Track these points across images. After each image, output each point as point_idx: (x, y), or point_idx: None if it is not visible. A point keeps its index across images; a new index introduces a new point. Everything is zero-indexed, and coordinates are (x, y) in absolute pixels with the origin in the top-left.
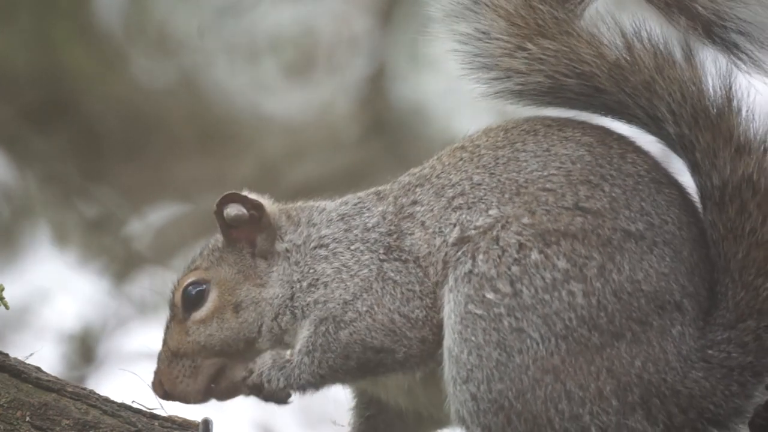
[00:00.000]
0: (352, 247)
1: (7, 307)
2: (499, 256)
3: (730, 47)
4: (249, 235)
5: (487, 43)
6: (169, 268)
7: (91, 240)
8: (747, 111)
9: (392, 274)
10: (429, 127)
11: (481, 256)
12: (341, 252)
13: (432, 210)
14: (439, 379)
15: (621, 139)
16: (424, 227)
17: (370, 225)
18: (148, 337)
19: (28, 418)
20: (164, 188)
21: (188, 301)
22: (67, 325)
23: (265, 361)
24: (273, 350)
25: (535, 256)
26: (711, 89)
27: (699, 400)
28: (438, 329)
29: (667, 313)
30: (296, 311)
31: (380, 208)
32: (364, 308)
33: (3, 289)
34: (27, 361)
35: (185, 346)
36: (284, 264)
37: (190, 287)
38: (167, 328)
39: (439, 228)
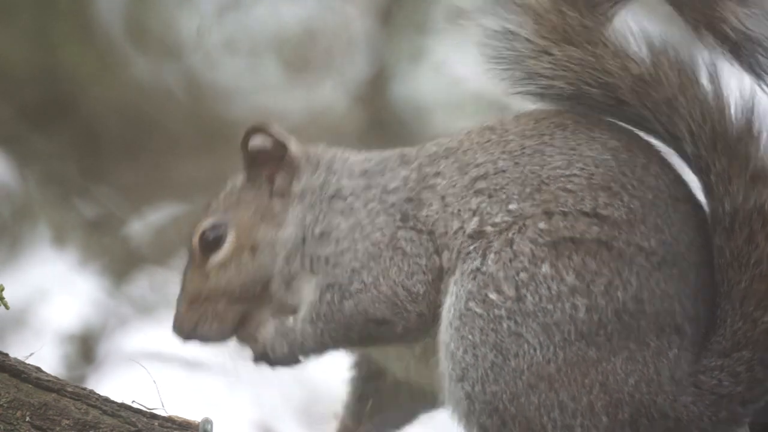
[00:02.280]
0: (369, 206)
1: (7, 307)
2: (510, 260)
3: (757, 71)
4: (269, 173)
5: (514, 43)
6: (169, 268)
7: (91, 240)
8: (767, 138)
9: (404, 244)
10: (429, 127)
11: (492, 256)
12: (358, 209)
13: (454, 185)
14: (432, 366)
15: (647, 148)
16: (444, 202)
17: (390, 188)
18: (148, 337)
19: (28, 418)
20: (164, 188)
21: (206, 244)
22: (67, 325)
23: (268, 330)
24: (275, 318)
25: (545, 269)
26: (733, 113)
27: (686, 424)
28: (434, 306)
29: (665, 335)
30: (305, 259)
31: (403, 173)
32: (370, 279)
33: (3, 289)
34: (27, 361)
35: (205, 291)
36: (299, 206)
37: (208, 231)
38: (185, 274)
39: (458, 210)
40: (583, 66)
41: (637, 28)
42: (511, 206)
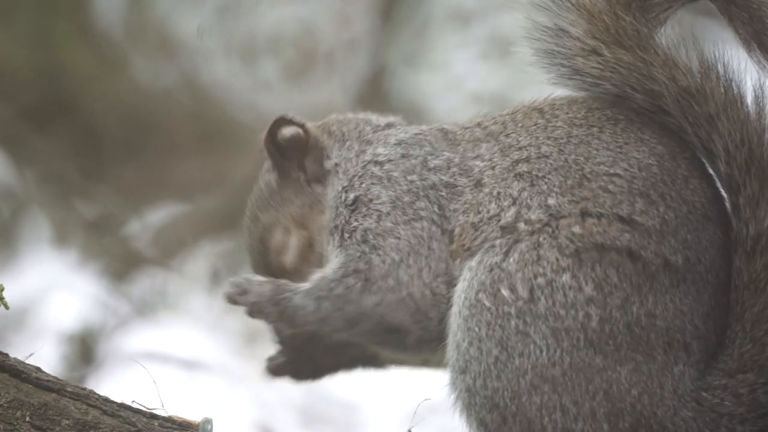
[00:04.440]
0: (409, 178)
1: (7, 307)
2: (532, 263)
3: None
4: (298, 162)
5: (565, 40)
6: (169, 268)
7: (91, 240)
8: None
9: (435, 244)
10: None
11: (515, 256)
12: (396, 178)
13: (494, 168)
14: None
15: (691, 160)
16: (479, 186)
17: (431, 165)
18: (148, 337)
19: (28, 418)
20: (164, 188)
21: (281, 255)
22: (67, 325)
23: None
24: (277, 281)
25: (565, 278)
26: None
27: None
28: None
29: (673, 351)
30: (335, 233)
31: (448, 155)
32: (406, 277)
33: (3, 289)
34: (27, 361)
35: None
36: (334, 179)
37: (277, 240)
38: None
39: (498, 192)
40: (630, 70)
41: (691, 38)
42: (550, 201)
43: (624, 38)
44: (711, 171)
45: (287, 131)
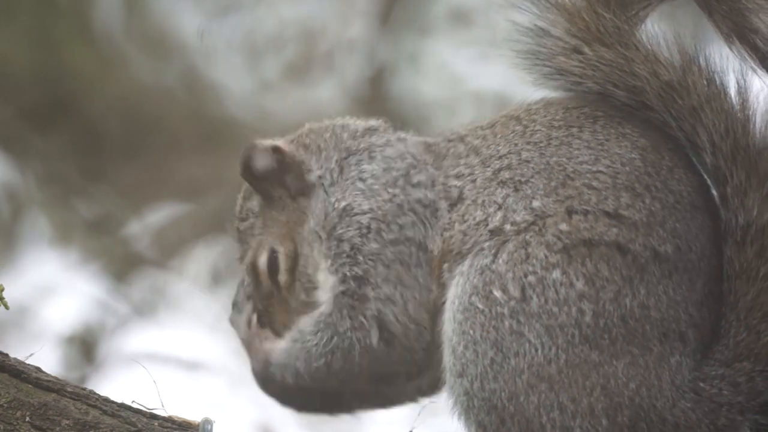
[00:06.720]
0: (390, 191)
1: (7, 308)
2: (521, 261)
3: None
4: (280, 182)
5: (546, 40)
6: (169, 269)
7: (91, 240)
8: None
9: (420, 272)
10: (429, 127)
11: (504, 256)
12: (378, 190)
13: (474, 180)
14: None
15: (674, 151)
16: (460, 201)
17: (414, 180)
18: (148, 337)
19: (28, 418)
20: (164, 188)
21: (272, 273)
22: (67, 325)
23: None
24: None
25: (556, 274)
26: (757, 128)
27: (684, 430)
28: (433, 334)
29: (669, 341)
30: (329, 242)
31: (432, 172)
32: (390, 317)
33: (3, 289)
34: (27, 361)
35: (294, 315)
36: (320, 190)
37: (268, 261)
38: (272, 312)
39: (483, 201)
40: (612, 67)
41: (671, 33)
42: (535, 203)
43: (605, 35)
44: (696, 163)
45: (259, 162)
